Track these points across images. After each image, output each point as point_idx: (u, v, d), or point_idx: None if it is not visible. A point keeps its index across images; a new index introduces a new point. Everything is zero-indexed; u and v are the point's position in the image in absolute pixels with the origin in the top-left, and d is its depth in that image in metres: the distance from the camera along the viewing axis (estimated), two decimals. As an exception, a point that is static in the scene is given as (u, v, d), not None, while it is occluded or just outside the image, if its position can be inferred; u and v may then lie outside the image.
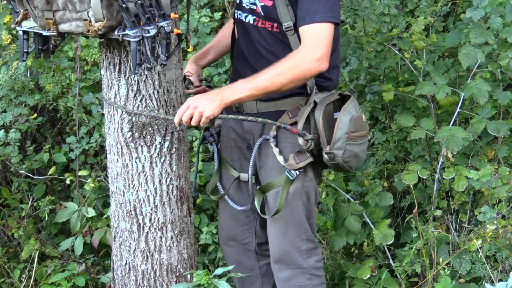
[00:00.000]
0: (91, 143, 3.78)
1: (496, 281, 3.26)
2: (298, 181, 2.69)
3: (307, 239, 2.77)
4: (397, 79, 3.96)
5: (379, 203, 3.62)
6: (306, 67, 2.46)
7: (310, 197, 2.74)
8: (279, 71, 2.47)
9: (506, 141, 3.86)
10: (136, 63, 2.37)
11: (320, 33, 2.46)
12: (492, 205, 3.49)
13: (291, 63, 2.46)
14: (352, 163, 2.67)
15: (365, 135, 2.69)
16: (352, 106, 2.63)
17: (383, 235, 3.45)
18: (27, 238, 3.75)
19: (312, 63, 2.46)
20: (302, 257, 2.78)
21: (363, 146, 2.69)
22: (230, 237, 3.00)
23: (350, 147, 2.61)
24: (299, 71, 2.47)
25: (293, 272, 2.78)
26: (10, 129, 3.75)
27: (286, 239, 2.76)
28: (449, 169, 3.52)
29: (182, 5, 3.59)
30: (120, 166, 2.71)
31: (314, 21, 2.44)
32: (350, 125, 2.59)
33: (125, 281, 2.83)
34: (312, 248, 2.79)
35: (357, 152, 2.64)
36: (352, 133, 2.60)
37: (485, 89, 3.47)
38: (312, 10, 2.44)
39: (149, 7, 2.32)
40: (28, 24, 2.52)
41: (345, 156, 2.61)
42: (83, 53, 3.73)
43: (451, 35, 3.70)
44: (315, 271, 2.81)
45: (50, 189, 4.06)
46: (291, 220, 2.74)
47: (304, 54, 2.46)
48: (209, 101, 2.49)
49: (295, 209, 2.72)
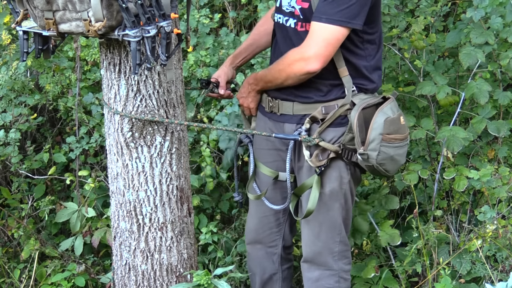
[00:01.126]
0: (91, 143, 3.78)
1: (496, 281, 3.25)
2: (335, 182, 2.68)
3: (340, 241, 2.76)
4: (397, 79, 3.96)
5: (384, 206, 3.61)
6: (298, 67, 2.50)
7: (348, 199, 2.73)
8: (279, 68, 2.59)
9: (506, 141, 3.86)
10: (136, 63, 2.37)
11: (321, 34, 2.45)
12: (492, 205, 3.49)
13: (286, 60, 2.55)
14: (388, 166, 2.62)
15: (403, 138, 2.63)
16: (389, 108, 2.59)
17: (389, 236, 3.45)
18: (27, 238, 3.75)
19: (300, 61, 2.48)
20: (333, 259, 2.78)
21: (401, 150, 2.63)
22: (256, 240, 3.00)
23: (385, 149, 2.56)
24: (290, 69, 2.53)
25: (322, 274, 2.79)
26: (10, 129, 3.75)
27: (319, 240, 2.76)
28: (449, 169, 3.52)
29: (182, 5, 3.59)
30: (120, 166, 2.71)
31: (320, 20, 2.44)
32: (384, 126, 2.55)
33: (125, 281, 2.83)
34: (344, 250, 2.79)
35: (392, 155, 2.59)
36: (387, 135, 2.56)
37: (486, 89, 3.47)
38: (321, 9, 2.43)
39: (149, 7, 2.32)
40: (28, 24, 2.52)
41: (380, 158, 2.57)
42: (83, 53, 3.73)
43: (451, 35, 3.70)
44: (344, 274, 2.81)
45: (50, 189, 4.06)
46: (326, 222, 2.73)
47: (296, 52, 2.51)
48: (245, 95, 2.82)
49: (331, 211, 2.72)
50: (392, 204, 3.61)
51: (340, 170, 2.68)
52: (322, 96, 2.64)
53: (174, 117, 2.69)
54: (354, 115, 2.55)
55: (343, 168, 2.67)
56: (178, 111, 2.71)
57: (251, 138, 2.90)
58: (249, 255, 3.06)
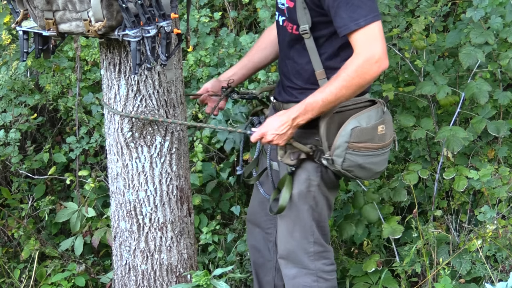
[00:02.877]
0: (91, 143, 3.78)
1: (496, 281, 3.25)
2: (303, 184, 2.69)
3: (314, 242, 2.76)
4: (397, 79, 3.96)
5: (392, 198, 3.61)
6: (368, 73, 2.43)
7: (318, 202, 2.72)
8: (343, 85, 2.45)
9: (506, 141, 3.86)
10: (136, 63, 2.37)
11: (370, 35, 2.42)
12: (492, 205, 3.49)
13: (351, 74, 2.43)
14: (359, 173, 2.62)
15: (378, 147, 2.62)
16: (366, 116, 2.57)
17: (392, 229, 3.44)
18: (27, 238, 3.75)
19: (372, 66, 2.42)
20: (309, 258, 2.78)
21: (373, 159, 2.62)
22: (255, 223, 3.05)
23: (351, 156, 2.56)
24: (362, 79, 2.44)
25: (299, 271, 2.79)
26: (10, 129, 3.75)
27: (293, 239, 2.77)
28: (449, 169, 3.52)
29: (182, 5, 3.59)
30: (120, 166, 2.71)
31: (359, 26, 2.41)
32: (352, 135, 2.54)
33: (125, 281, 2.83)
34: (320, 251, 2.79)
35: (361, 163, 2.59)
36: (355, 143, 2.55)
37: (485, 89, 3.47)
38: (354, 16, 2.40)
39: (149, 7, 2.32)
40: (28, 24, 2.52)
41: (346, 165, 2.57)
42: (83, 53, 3.73)
43: (451, 35, 3.70)
44: (323, 274, 2.80)
45: (50, 189, 4.06)
46: (298, 222, 2.74)
47: (361, 61, 2.42)
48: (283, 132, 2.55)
49: (301, 212, 2.72)
50: (400, 196, 3.60)
51: (309, 172, 2.68)
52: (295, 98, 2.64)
53: (174, 117, 2.69)
54: (323, 120, 2.56)
55: (312, 171, 2.67)
56: (178, 111, 2.72)
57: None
58: (248, 233, 3.11)
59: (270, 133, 2.56)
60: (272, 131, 2.55)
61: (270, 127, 2.56)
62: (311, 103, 2.49)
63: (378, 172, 2.71)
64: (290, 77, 2.69)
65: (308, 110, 2.50)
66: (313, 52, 2.56)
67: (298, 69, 2.64)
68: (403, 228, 3.46)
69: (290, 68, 2.67)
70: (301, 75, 2.64)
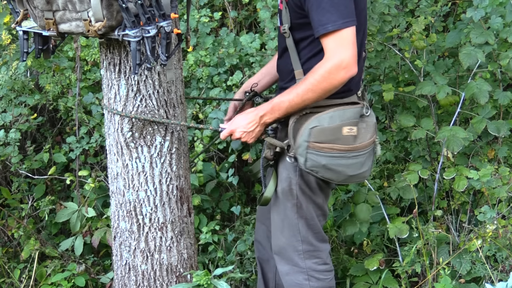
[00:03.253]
0: (91, 143, 3.78)
1: (496, 281, 3.25)
2: (285, 182, 2.70)
3: (302, 240, 2.75)
4: (397, 79, 3.96)
5: (402, 195, 3.60)
6: (335, 78, 2.42)
7: (302, 200, 2.71)
8: (309, 88, 2.46)
9: (506, 141, 3.86)
10: (136, 63, 2.37)
11: (339, 41, 2.41)
12: (492, 205, 3.49)
13: (318, 78, 2.44)
14: (325, 174, 2.60)
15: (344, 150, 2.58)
16: (327, 116, 2.55)
17: (398, 229, 3.44)
18: (27, 238, 3.75)
19: (339, 72, 2.42)
20: (299, 257, 2.78)
21: (341, 161, 2.59)
22: (261, 220, 3.06)
23: (313, 156, 2.55)
24: (328, 84, 2.44)
25: (291, 269, 2.80)
26: (10, 129, 3.75)
27: (283, 236, 2.77)
28: (449, 169, 3.52)
29: (182, 5, 3.59)
30: (120, 166, 2.71)
31: (327, 30, 2.40)
32: (311, 135, 2.53)
33: (125, 281, 2.83)
34: (310, 250, 2.78)
35: (325, 164, 2.56)
36: (315, 143, 2.54)
37: (485, 89, 3.47)
38: (323, 20, 2.40)
39: (149, 7, 2.32)
40: (28, 24, 2.52)
41: (309, 165, 2.57)
42: (83, 53, 3.73)
43: (451, 35, 3.70)
44: (315, 273, 2.79)
45: (50, 189, 4.06)
46: (285, 220, 2.75)
47: (329, 67, 2.42)
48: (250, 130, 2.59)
49: (286, 210, 2.73)
50: (409, 194, 3.59)
51: (288, 171, 2.69)
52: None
53: (174, 117, 2.69)
54: (292, 117, 2.58)
55: (291, 169, 2.68)
56: (178, 111, 2.72)
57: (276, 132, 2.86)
58: (256, 229, 3.13)
59: (238, 131, 2.60)
60: (241, 129, 2.60)
61: (238, 124, 2.60)
62: (278, 103, 2.53)
63: (354, 176, 2.66)
64: (280, 76, 2.74)
65: (275, 109, 2.54)
66: (292, 51, 2.58)
67: (284, 69, 2.68)
68: (408, 227, 3.46)
69: (280, 68, 2.72)
70: (284, 74, 2.68)
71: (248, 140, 2.61)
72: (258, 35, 3.90)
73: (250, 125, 2.59)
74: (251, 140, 2.61)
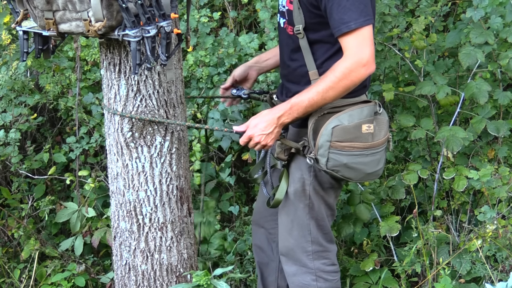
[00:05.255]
0: (91, 143, 3.78)
1: (496, 281, 3.25)
2: (298, 183, 2.70)
3: (312, 241, 2.76)
4: (397, 79, 3.96)
5: (391, 195, 3.61)
6: (355, 75, 2.45)
7: (314, 201, 2.72)
8: (329, 86, 2.47)
9: (506, 141, 3.86)
10: (136, 63, 2.37)
11: (359, 39, 2.44)
12: (492, 205, 3.49)
13: (339, 76, 2.45)
14: (346, 173, 2.61)
15: (363, 148, 2.60)
16: (347, 115, 2.57)
17: (389, 227, 3.45)
18: (27, 238, 3.75)
19: (360, 70, 2.44)
20: (308, 257, 2.78)
21: (361, 159, 2.61)
22: (259, 223, 3.06)
23: (335, 156, 2.56)
24: (349, 81, 2.46)
25: (298, 269, 2.80)
26: (10, 129, 3.75)
27: (292, 237, 2.77)
28: (449, 169, 3.52)
29: (182, 5, 3.59)
30: (120, 166, 2.71)
31: (350, 28, 2.42)
32: (333, 134, 2.54)
33: (125, 281, 2.83)
34: (319, 251, 2.78)
35: (346, 163, 2.58)
36: (337, 142, 2.55)
37: (485, 89, 3.47)
38: (345, 18, 2.42)
39: (149, 7, 2.32)
40: (28, 24, 2.52)
41: (330, 165, 2.57)
42: (83, 53, 3.73)
43: (451, 35, 3.70)
44: (323, 274, 2.80)
45: (50, 189, 4.06)
46: (295, 220, 2.75)
47: (349, 64, 2.44)
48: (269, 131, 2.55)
49: (298, 211, 2.73)
50: (398, 194, 3.60)
51: (302, 171, 2.69)
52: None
53: (174, 117, 2.69)
54: (311, 119, 2.58)
55: (305, 170, 2.68)
56: (178, 111, 2.72)
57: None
58: (253, 233, 3.13)
59: (257, 134, 2.55)
60: (259, 132, 2.55)
61: (256, 128, 2.56)
62: (297, 103, 2.51)
63: (371, 174, 2.69)
64: (289, 79, 2.72)
65: (294, 109, 2.52)
66: (306, 52, 2.59)
67: (295, 71, 2.67)
68: (400, 226, 3.46)
69: (289, 70, 2.70)
70: (297, 76, 2.67)
71: (267, 142, 2.56)
72: (257, 35, 3.90)
73: (268, 127, 2.55)
74: (270, 142, 2.57)
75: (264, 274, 3.10)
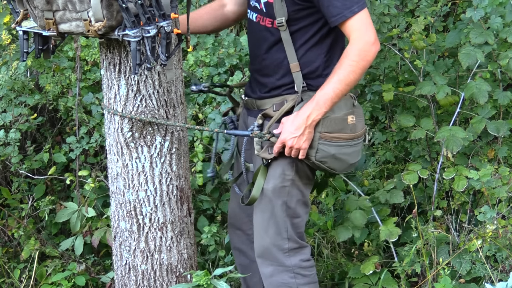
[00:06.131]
0: (91, 143, 3.78)
1: (496, 281, 3.25)
2: (278, 179, 2.69)
3: (288, 238, 2.75)
4: (397, 79, 3.96)
5: (389, 199, 3.61)
6: (369, 54, 2.52)
7: (293, 197, 2.72)
8: (349, 70, 2.51)
9: (506, 141, 3.86)
10: (136, 63, 2.38)
11: (363, 20, 2.52)
12: (492, 205, 3.49)
13: (355, 58, 2.51)
14: (332, 164, 2.64)
15: (350, 138, 2.64)
16: (335, 106, 2.59)
17: (389, 231, 3.44)
18: (27, 238, 3.75)
19: (371, 48, 2.52)
20: (284, 255, 2.76)
21: (346, 149, 2.65)
22: (235, 226, 3.04)
23: (324, 147, 2.59)
24: (365, 61, 2.52)
25: (275, 269, 2.77)
26: (10, 129, 3.75)
27: (267, 236, 2.75)
28: (449, 169, 3.52)
29: (182, 5, 3.60)
30: (120, 166, 2.71)
31: (354, 13, 2.49)
32: (322, 125, 2.57)
33: (125, 281, 2.83)
34: (295, 248, 2.77)
35: (334, 154, 2.61)
36: (326, 133, 2.58)
37: (485, 89, 3.47)
38: (347, 4, 2.48)
39: (149, 7, 2.33)
40: (28, 24, 2.52)
41: (319, 156, 2.60)
42: (83, 53, 3.73)
43: (451, 35, 3.70)
44: (300, 270, 2.78)
45: (50, 189, 4.06)
46: (272, 218, 2.73)
47: (362, 45, 2.50)
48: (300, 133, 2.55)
49: (275, 208, 2.72)
50: (397, 198, 3.60)
51: (283, 167, 2.68)
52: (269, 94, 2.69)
53: (174, 117, 2.69)
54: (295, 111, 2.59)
55: (286, 165, 2.68)
56: (178, 111, 2.72)
57: (235, 124, 2.92)
58: (231, 238, 3.10)
59: (288, 139, 2.56)
60: (290, 136, 2.56)
61: (287, 133, 2.57)
62: (322, 96, 2.53)
63: (352, 164, 2.73)
64: (265, 73, 2.71)
65: (321, 104, 2.53)
66: (288, 44, 2.60)
67: (274, 65, 2.67)
68: (400, 231, 3.46)
69: (265, 64, 2.69)
70: (276, 70, 2.67)
71: (301, 146, 2.57)
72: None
73: (299, 129, 2.55)
74: (304, 144, 2.57)
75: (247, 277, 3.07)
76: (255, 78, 2.77)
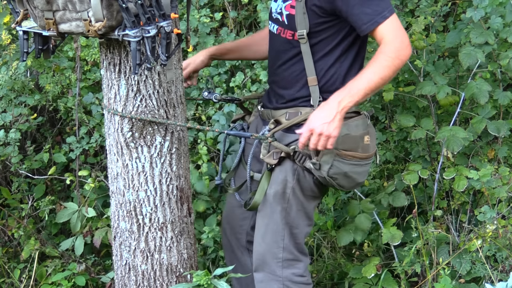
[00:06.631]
0: (91, 143, 3.78)
1: (496, 281, 3.26)
2: (280, 185, 2.68)
3: (284, 247, 2.72)
4: (397, 79, 3.96)
5: (392, 203, 3.60)
6: (404, 54, 2.50)
7: (292, 205, 2.70)
8: (385, 65, 2.48)
9: (506, 141, 3.86)
10: (136, 63, 2.38)
11: (395, 24, 2.51)
12: (492, 205, 3.49)
13: (392, 55, 2.48)
14: (342, 181, 2.64)
15: (363, 158, 2.63)
16: (354, 125, 2.59)
17: (391, 235, 3.44)
18: (27, 238, 3.75)
19: (406, 49, 2.50)
20: (277, 264, 2.73)
21: (359, 168, 2.64)
22: (229, 228, 3.04)
23: (338, 164, 2.58)
24: (400, 60, 2.49)
25: (266, 276, 2.75)
26: (10, 129, 3.75)
27: (264, 242, 2.74)
28: (449, 169, 3.52)
29: (182, 5, 3.59)
30: (120, 166, 2.71)
31: (385, 18, 2.49)
32: (341, 142, 2.55)
33: (125, 281, 2.83)
34: (290, 259, 2.74)
35: (347, 172, 2.61)
36: (343, 151, 2.57)
37: (485, 89, 3.47)
38: (378, 10, 2.48)
39: (149, 7, 2.33)
40: (28, 24, 2.52)
41: (332, 172, 2.59)
42: (83, 53, 3.73)
43: (451, 35, 3.70)
44: (291, 284, 2.74)
45: (50, 189, 4.06)
46: (270, 224, 2.72)
47: (398, 44, 2.49)
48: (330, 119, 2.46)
49: (274, 213, 2.70)
50: (400, 201, 3.60)
51: (286, 174, 2.67)
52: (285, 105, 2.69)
53: (174, 117, 2.69)
54: None
55: (289, 172, 2.67)
56: (178, 111, 2.72)
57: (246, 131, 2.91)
58: (223, 241, 3.12)
59: (318, 125, 2.44)
60: (320, 122, 2.45)
61: (316, 120, 2.46)
62: (356, 85, 2.48)
63: (359, 183, 2.74)
64: (282, 85, 2.71)
65: (354, 92, 2.47)
66: (307, 57, 2.60)
67: (292, 77, 2.66)
68: (402, 234, 3.45)
69: (283, 77, 2.69)
70: (294, 83, 2.66)
71: (330, 132, 2.44)
72: (258, 35, 3.89)
73: (330, 115, 2.45)
74: (334, 132, 2.45)
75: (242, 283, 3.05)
76: (273, 89, 2.78)
